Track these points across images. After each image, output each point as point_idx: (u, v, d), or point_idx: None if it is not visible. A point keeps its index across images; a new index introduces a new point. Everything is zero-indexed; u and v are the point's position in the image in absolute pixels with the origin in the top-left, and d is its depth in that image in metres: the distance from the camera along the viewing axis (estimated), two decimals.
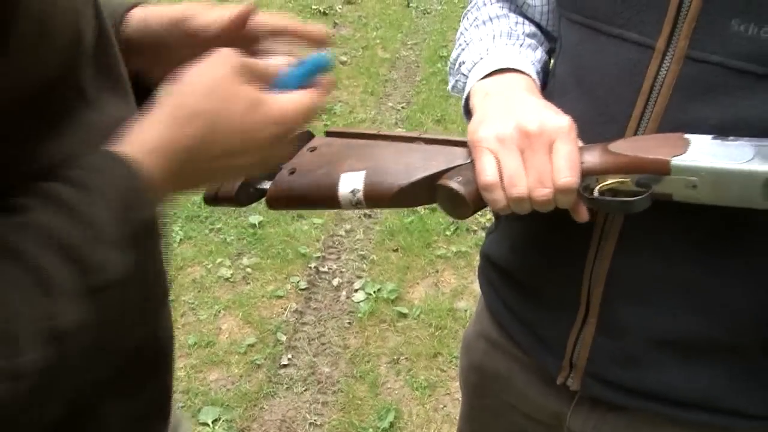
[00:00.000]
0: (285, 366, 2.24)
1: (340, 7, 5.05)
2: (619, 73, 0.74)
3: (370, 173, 0.77)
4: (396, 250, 2.74)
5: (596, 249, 0.79)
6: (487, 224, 2.84)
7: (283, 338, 2.33)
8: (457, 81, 0.89)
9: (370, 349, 2.30)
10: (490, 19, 0.91)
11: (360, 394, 2.14)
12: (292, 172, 0.80)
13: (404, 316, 2.43)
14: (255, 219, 2.83)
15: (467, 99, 0.82)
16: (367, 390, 2.15)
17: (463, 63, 0.87)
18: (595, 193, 0.69)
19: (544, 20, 0.90)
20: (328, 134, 0.86)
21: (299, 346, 2.32)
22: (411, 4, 5.11)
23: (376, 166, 0.77)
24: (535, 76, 0.81)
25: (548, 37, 0.91)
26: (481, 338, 1.02)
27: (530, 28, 0.89)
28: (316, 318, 2.44)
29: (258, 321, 2.38)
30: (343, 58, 4.30)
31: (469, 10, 0.96)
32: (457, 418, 2.05)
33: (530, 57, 0.84)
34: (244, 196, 0.82)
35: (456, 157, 0.75)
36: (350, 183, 0.76)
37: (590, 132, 0.71)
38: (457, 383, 2.18)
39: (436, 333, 2.36)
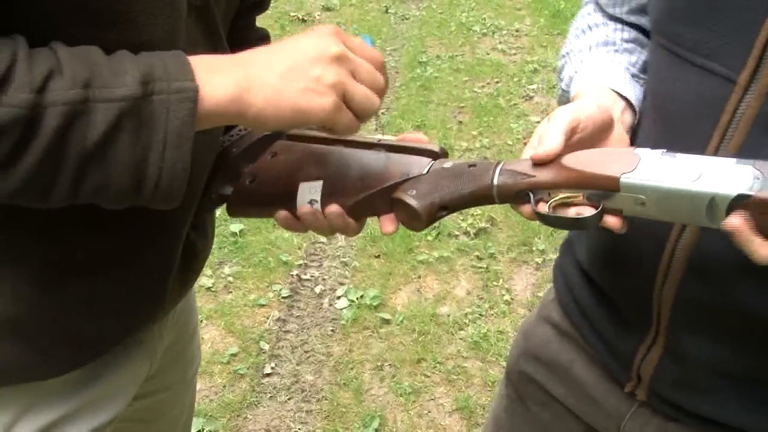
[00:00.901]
0: (268, 375, 2.23)
1: (319, 13, 5.05)
2: (698, 104, 0.73)
3: (328, 184, 0.76)
4: (378, 257, 2.73)
5: (665, 273, 0.78)
6: (469, 229, 2.85)
7: (266, 347, 2.32)
8: (561, 95, 0.90)
9: (353, 356, 2.30)
10: (589, 28, 0.92)
11: (344, 402, 2.13)
12: (252, 180, 0.80)
13: (387, 322, 2.43)
14: (236, 227, 2.82)
15: None
16: (352, 397, 2.15)
17: (562, 80, 0.89)
18: (543, 208, 0.69)
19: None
20: (289, 137, 0.85)
21: (282, 354, 2.31)
22: (389, 11, 5.11)
23: (334, 176, 0.77)
24: (622, 84, 0.81)
25: None
26: (545, 324, 1.01)
27: (630, 33, 0.89)
28: (299, 326, 2.43)
29: (240, 330, 2.37)
30: None
31: (578, 16, 0.97)
32: (448, 422, 2.05)
33: (625, 61, 0.84)
34: (208, 202, 0.82)
35: (412, 168, 0.75)
36: (308, 193, 0.76)
37: None
38: (441, 388, 2.18)
39: (420, 339, 2.36)
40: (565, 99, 0.88)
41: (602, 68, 0.83)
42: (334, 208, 0.75)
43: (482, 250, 2.75)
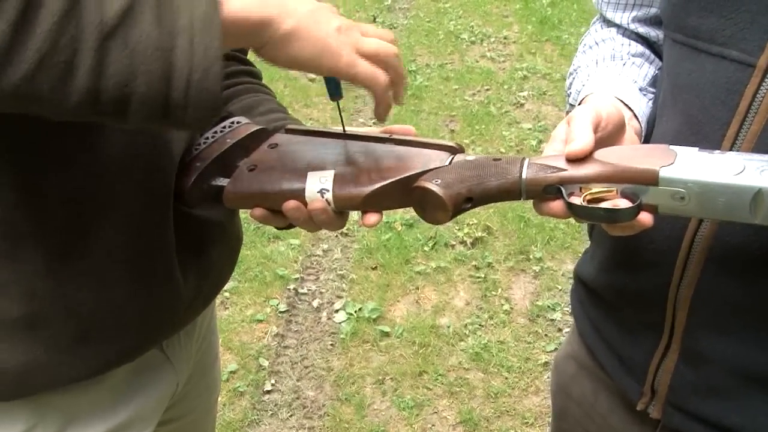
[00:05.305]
0: (269, 392, 2.20)
1: None
2: (715, 92, 0.73)
3: (340, 173, 0.73)
4: (375, 268, 2.71)
5: (681, 273, 0.77)
6: (466, 239, 2.83)
7: (266, 363, 2.29)
8: (568, 111, 0.89)
9: (354, 370, 2.28)
10: (596, 44, 0.91)
11: (346, 417, 2.11)
12: (252, 169, 0.77)
13: (387, 335, 2.41)
14: None
15: None
16: (354, 412, 2.12)
17: (570, 95, 0.88)
18: (577, 201, 0.67)
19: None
20: (289, 131, 0.82)
21: (282, 370, 2.28)
22: (377, 20, 5.11)
23: (346, 166, 0.74)
24: (628, 95, 0.80)
25: (661, 56, 0.90)
26: (570, 359, 1.01)
27: (637, 48, 0.89)
28: (297, 341, 2.40)
29: (239, 347, 2.34)
30: (312, 76, 4.28)
31: (586, 33, 0.97)
32: None
33: (633, 75, 0.84)
34: (197, 194, 0.78)
35: (432, 159, 0.73)
36: (318, 182, 0.73)
37: None
38: (444, 401, 2.17)
39: (420, 351, 2.34)
40: None
41: (609, 80, 0.83)
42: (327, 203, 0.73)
43: (479, 260, 2.74)
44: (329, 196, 0.72)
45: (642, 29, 0.89)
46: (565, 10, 5.12)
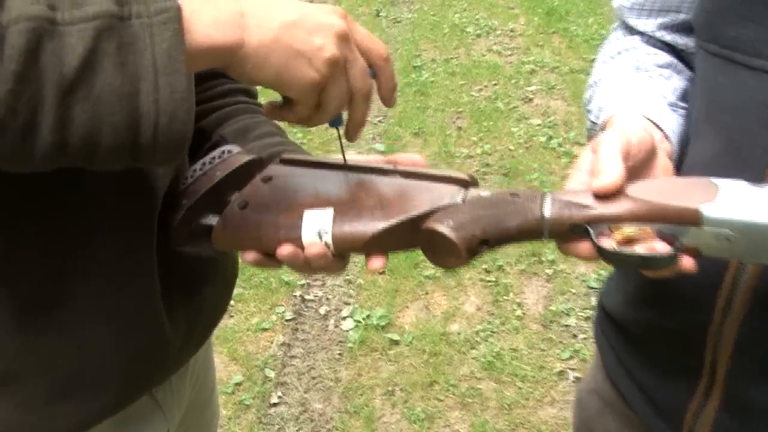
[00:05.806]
0: (275, 404, 2.14)
1: None
2: (758, 112, 0.65)
3: (340, 211, 0.66)
4: (383, 273, 2.64)
5: (723, 311, 0.70)
6: None
7: (272, 374, 2.23)
8: (589, 129, 0.83)
9: (362, 380, 2.21)
10: (618, 53, 0.84)
11: (355, 431, 2.05)
12: (243, 206, 0.69)
13: (396, 343, 2.34)
14: None
15: None
16: (363, 426, 2.06)
17: (590, 111, 0.81)
18: (608, 244, 0.60)
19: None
20: (284, 162, 0.74)
21: (289, 381, 2.22)
22: (381, 14, 5.02)
23: (347, 203, 0.67)
24: (659, 113, 0.73)
25: (690, 65, 0.83)
26: (594, 395, 0.94)
27: (664, 58, 0.81)
28: (304, 350, 2.34)
29: (244, 357, 2.28)
30: None
31: (606, 42, 0.89)
32: None
33: (661, 89, 0.76)
34: (185, 233, 0.71)
35: (442, 196, 0.65)
36: (316, 223, 0.66)
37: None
38: (456, 413, 2.10)
39: (431, 360, 2.27)
40: (594, 134, 0.79)
41: (635, 96, 0.75)
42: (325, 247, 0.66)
43: (490, 263, 2.67)
44: (328, 238, 0.65)
45: (669, 37, 0.81)
46: (573, 1, 5.02)
